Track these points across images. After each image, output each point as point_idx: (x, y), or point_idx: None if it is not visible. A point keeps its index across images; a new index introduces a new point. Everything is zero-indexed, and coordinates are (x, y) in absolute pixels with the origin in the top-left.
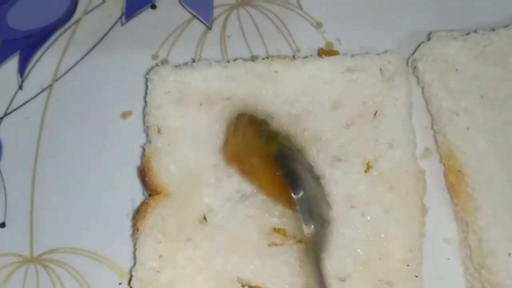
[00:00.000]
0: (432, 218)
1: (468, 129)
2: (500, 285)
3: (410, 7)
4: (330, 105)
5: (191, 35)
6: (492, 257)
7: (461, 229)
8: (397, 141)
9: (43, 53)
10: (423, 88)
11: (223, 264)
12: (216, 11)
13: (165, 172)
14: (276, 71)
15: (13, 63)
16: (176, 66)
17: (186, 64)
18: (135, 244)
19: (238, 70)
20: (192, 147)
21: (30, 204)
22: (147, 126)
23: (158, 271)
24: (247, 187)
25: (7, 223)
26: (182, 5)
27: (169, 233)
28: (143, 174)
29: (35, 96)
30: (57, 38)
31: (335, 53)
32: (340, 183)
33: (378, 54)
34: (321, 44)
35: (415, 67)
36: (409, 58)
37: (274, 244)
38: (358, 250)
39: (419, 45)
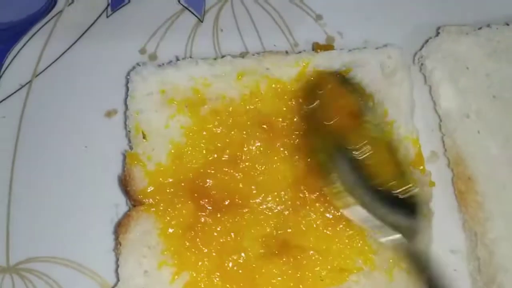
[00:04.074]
0: (438, 227)
1: (479, 132)
2: None
3: None
4: None
5: (182, 28)
6: (504, 273)
7: (469, 239)
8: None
9: (21, 48)
10: (430, 87)
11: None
12: (209, 2)
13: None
14: (267, 68)
15: None
16: (159, 65)
17: (170, 62)
18: (117, 260)
19: (227, 68)
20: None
21: (6, 210)
22: (129, 131)
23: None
24: None
25: None
26: None
27: (154, 247)
28: (125, 183)
29: (13, 93)
30: (37, 31)
31: (331, 48)
32: None
33: (377, 48)
34: (321, 38)
35: (422, 64)
36: (415, 54)
37: None
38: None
39: (426, 41)
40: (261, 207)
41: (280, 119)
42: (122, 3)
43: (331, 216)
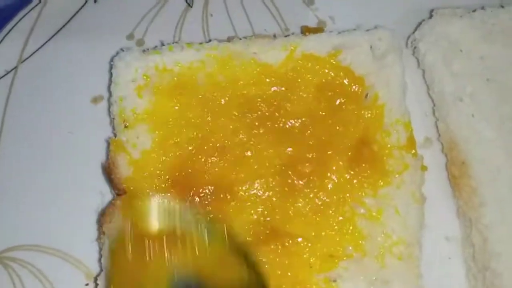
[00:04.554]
0: (432, 213)
1: (473, 116)
2: None
3: None
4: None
5: (171, 13)
6: (497, 259)
7: (463, 225)
8: (391, 127)
9: (7, 33)
10: (424, 71)
11: None
12: None
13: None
14: (255, 52)
15: None
16: (143, 51)
17: (155, 48)
18: (101, 250)
19: (213, 53)
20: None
21: None
22: (113, 118)
23: None
24: None
25: None
26: None
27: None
28: (109, 171)
29: None
30: (23, 17)
31: (320, 30)
32: None
33: (368, 30)
34: (313, 23)
35: (415, 47)
36: (409, 37)
37: None
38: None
39: (419, 24)
40: (247, 193)
41: (266, 104)
42: None
43: (320, 202)
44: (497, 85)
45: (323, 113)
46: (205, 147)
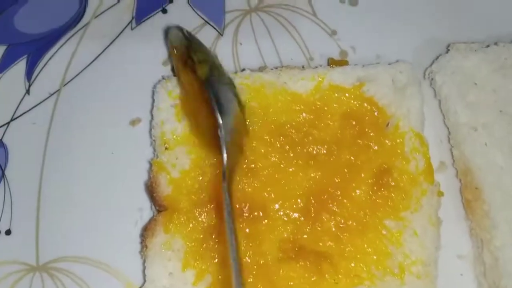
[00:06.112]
0: (446, 233)
1: (486, 144)
2: None
3: (428, 16)
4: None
5: (203, 41)
6: (508, 278)
7: (475, 245)
8: (411, 154)
9: (51, 57)
10: (440, 101)
11: None
12: (228, 17)
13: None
14: (285, 82)
15: (20, 67)
16: None
17: None
18: (144, 262)
19: (247, 81)
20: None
21: (36, 211)
22: (154, 140)
23: None
24: None
25: (13, 230)
26: (194, 10)
27: (178, 250)
28: (151, 189)
29: (42, 101)
30: (65, 42)
31: (345, 63)
32: None
33: (390, 64)
34: (335, 52)
35: (432, 79)
36: (426, 69)
37: None
38: (373, 266)
39: (437, 57)
40: (278, 213)
41: (295, 130)
42: (146, 17)
43: (344, 224)
44: (508, 116)
45: (348, 140)
46: (239, 168)
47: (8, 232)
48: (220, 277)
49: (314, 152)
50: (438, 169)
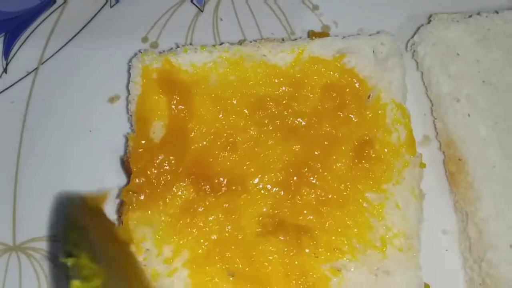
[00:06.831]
0: (430, 208)
1: (469, 115)
2: (501, 278)
3: None
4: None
5: (183, 17)
6: (493, 250)
7: (460, 219)
8: (392, 126)
9: (28, 36)
10: (422, 73)
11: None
12: None
13: None
14: (264, 55)
15: None
16: (160, 52)
17: (170, 50)
18: None
19: (225, 55)
20: None
21: (13, 192)
22: (130, 115)
23: (144, 265)
24: None
25: None
26: None
27: (155, 226)
28: (127, 165)
29: (20, 80)
30: (43, 20)
31: (326, 35)
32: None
33: (370, 35)
34: (317, 27)
35: (414, 51)
36: (408, 41)
37: None
38: (354, 239)
39: (418, 28)
40: (258, 187)
41: (275, 103)
42: None
43: (325, 197)
44: (491, 86)
45: (328, 112)
46: (218, 142)
47: None
48: (196, 253)
49: (294, 125)
50: (422, 143)
